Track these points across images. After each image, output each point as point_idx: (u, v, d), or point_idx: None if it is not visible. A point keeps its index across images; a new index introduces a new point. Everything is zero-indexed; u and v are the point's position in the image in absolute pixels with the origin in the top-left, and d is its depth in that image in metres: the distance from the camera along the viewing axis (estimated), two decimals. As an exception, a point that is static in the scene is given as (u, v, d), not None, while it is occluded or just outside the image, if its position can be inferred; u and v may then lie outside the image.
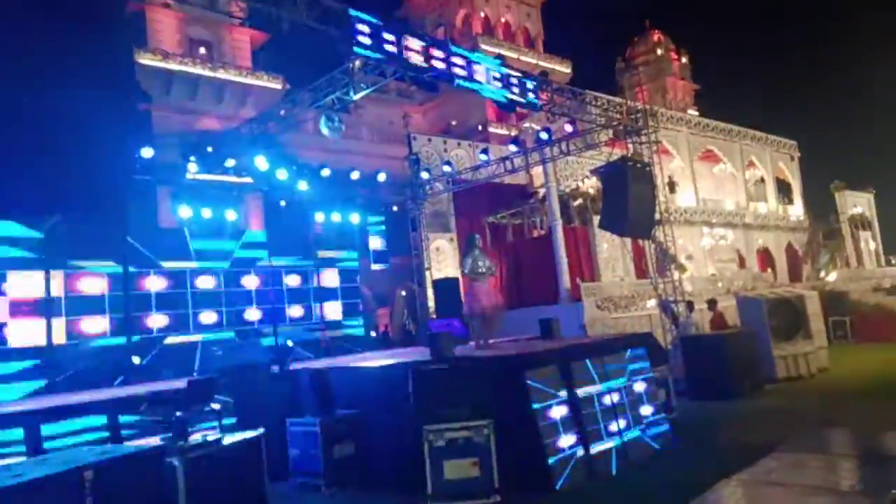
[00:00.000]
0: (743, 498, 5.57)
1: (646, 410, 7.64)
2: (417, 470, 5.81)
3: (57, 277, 10.79)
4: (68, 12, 16.62)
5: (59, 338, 10.69)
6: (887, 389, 10.03)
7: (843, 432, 7.52)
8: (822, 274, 24.73)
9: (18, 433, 6.07)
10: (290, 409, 7.68)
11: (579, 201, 18.42)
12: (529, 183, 19.75)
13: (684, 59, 49.51)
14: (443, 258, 18.25)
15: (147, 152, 12.46)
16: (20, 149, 10.81)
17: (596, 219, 15.81)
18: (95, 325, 11.17)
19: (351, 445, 7.15)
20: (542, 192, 18.34)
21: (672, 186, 20.07)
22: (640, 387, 7.73)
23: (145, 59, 21.33)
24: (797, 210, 27.49)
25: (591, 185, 17.88)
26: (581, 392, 6.89)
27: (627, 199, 12.39)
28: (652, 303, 14.88)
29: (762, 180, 26.67)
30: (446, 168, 16.67)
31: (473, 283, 8.75)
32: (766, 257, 25.15)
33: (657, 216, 13.68)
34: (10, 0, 15.72)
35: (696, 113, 35.61)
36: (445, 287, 16.45)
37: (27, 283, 10.41)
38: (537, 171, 17.72)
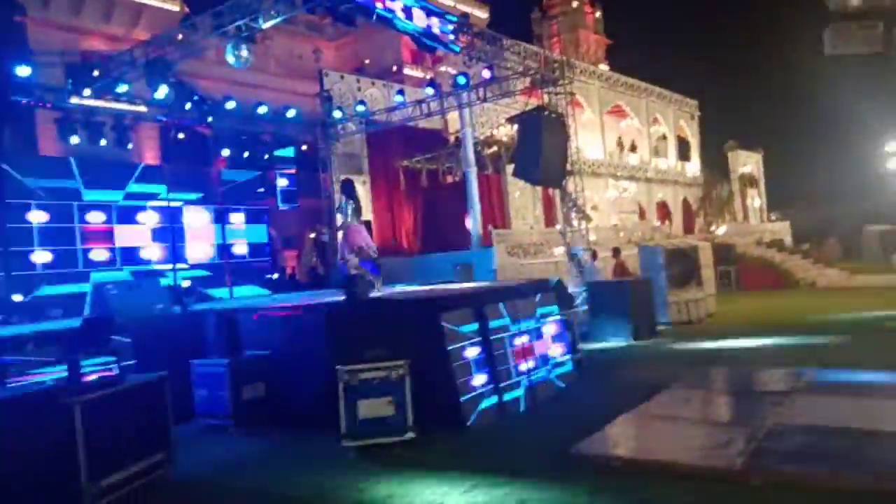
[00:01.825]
0: (637, 431, 6.07)
1: (553, 352, 8.01)
2: (330, 410, 5.81)
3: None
4: None
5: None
6: (764, 331, 11.08)
7: (727, 371, 8.32)
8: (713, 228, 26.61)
9: None
10: (194, 352, 7.45)
11: (494, 149, 18.56)
12: (445, 128, 19.63)
13: (598, 14, 50.28)
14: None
15: (23, 70, 11.21)
16: None
17: (510, 167, 16.02)
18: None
19: (261, 386, 7.06)
20: (457, 137, 18.29)
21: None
22: (548, 329, 8.07)
23: (17, -36, 18.88)
24: (694, 167, 29.19)
25: (506, 133, 18.01)
26: (493, 334, 7.10)
27: (541, 149, 12.65)
28: (560, 250, 15.45)
29: (664, 137, 28.00)
30: (360, 108, 16.20)
31: (350, 225, 8.68)
32: (664, 210, 26.69)
33: (568, 167, 14.06)
34: None
35: (607, 68, 36.52)
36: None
37: None
38: (453, 116, 17.61)
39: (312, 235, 18.54)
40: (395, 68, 30.97)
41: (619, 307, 11.00)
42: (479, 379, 6.71)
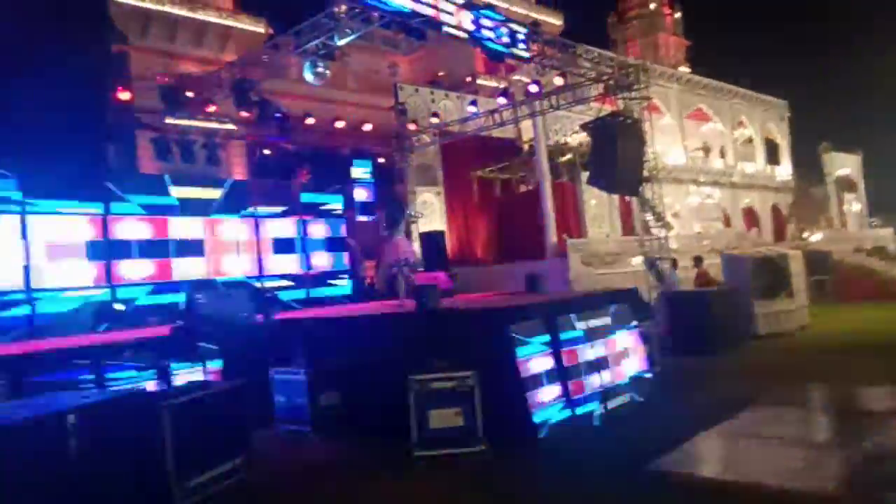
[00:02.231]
0: (720, 449, 5.77)
1: (629, 364, 7.77)
2: (403, 419, 5.88)
3: (34, 222, 10.58)
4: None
5: (41, 284, 10.55)
6: (864, 346, 10.29)
7: (821, 387, 7.78)
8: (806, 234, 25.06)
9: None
10: (275, 359, 7.72)
11: (568, 157, 18.31)
12: (518, 137, 19.56)
13: (677, 15, 48.66)
14: (430, 212, 18.16)
15: (124, 95, 12.12)
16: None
17: (584, 175, 15.75)
18: (76, 271, 11.02)
19: (337, 394, 7.23)
20: (530, 146, 18.19)
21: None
22: (623, 341, 7.84)
23: (122, -2, 20.46)
24: (784, 170, 27.61)
25: (580, 140, 17.74)
26: (565, 345, 6.97)
27: (616, 156, 12.35)
28: (638, 259, 15.00)
29: (751, 140, 26.67)
30: (434, 120, 16.42)
31: (395, 237, 8.91)
32: (751, 216, 25.38)
33: (645, 173, 13.66)
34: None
35: (688, 70, 35.24)
36: (432, 240, 16.43)
37: (3, 229, 10.19)
38: (526, 125, 17.53)
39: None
40: (469, 79, 31.15)
41: (701, 318, 10.52)
42: (551, 391, 6.61)
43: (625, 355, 7.79)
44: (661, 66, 25.17)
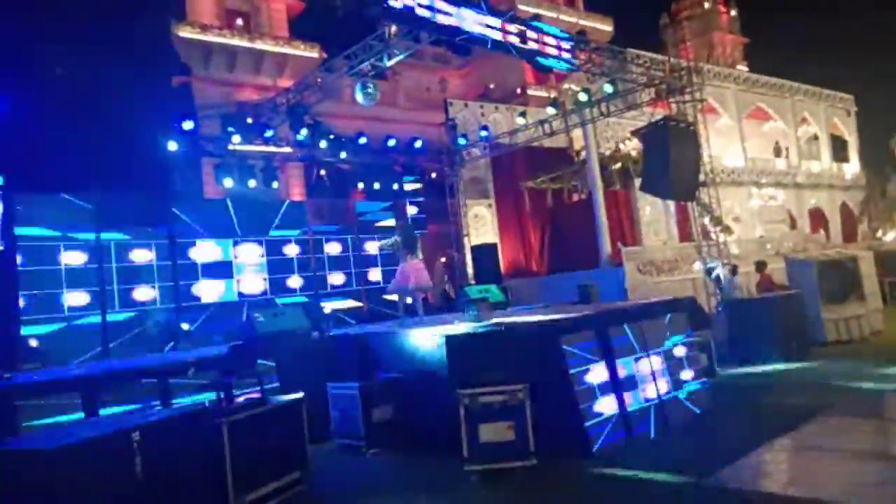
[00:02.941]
0: (785, 463, 5.49)
1: (686, 374, 7.53)
2: (454, 433, 5.88)
3: (109, 247, 11.21)
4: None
5: (114, 305, 11.15)
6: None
7: (894, 398, 7.28)
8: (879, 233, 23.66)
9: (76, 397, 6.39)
10: (331, 374, 7.87)
11: (620, 164, 17.96)
12: (569, 146, 19.36)
13: (733, 12, 47.18)
14: (481, 224, 18.18)
15: (188, 124, 12.68)
16: (68, 125, 11.15)
17: (637, 182, 15.41)
18: (146, 293, 11.58)
19: (389, 409, 7.30)
20: (582, 155, 17.97)
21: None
22: (680, 351, 7.61)
23: (184, 32, 21.54)
24: (853, 167, 26.22)
25: (633, 147, 17.37)
26: (619, 356, 6.83)
27: (669, 161, 12.02)
28: (697, 266, 14.53)
29: (815, 137, 25.47)
30: (483, 133, 16.45)
31: (410, 261, 9.15)
32: (818, 218, 24.18)
33: (701, 177, 13.24)
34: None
35: (746, 68, 34.08)
36: (483, 253, 16.42)
37: (81, 254, 10.84)
38: (577, 133, 17.34)
39: (443, 259, 18.97)
40: (518, 90, 31.17)
41: (764, 326, 10.07)
42: (604, 404, 6.47)
43: (682, 365, 7.55)
44: (716, 67, 24.42)
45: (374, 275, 15.76)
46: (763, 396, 8.06)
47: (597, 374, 6.57)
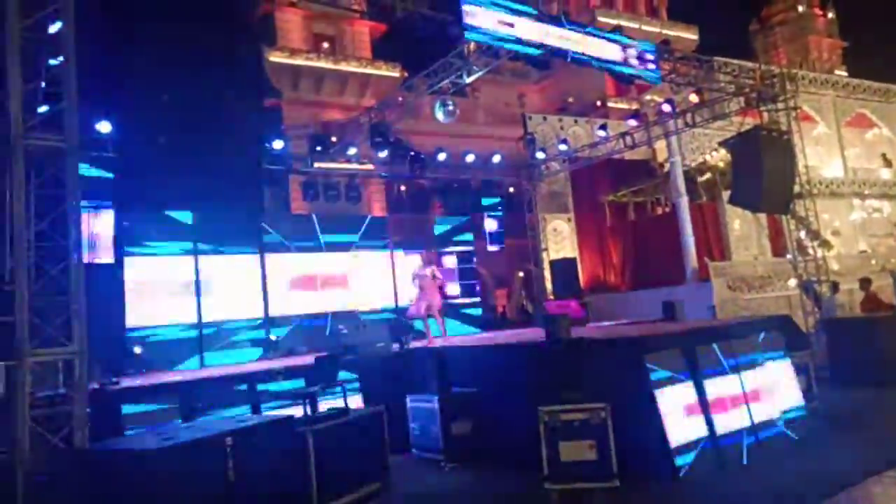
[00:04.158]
0: (890, 499, 5.01)
1: (782, 398, 7.09)
2: (533, 450, 5.80)
3: (206, 261, 11.87)
4: (206, 23, 18.08)
5: (209, 315, 11.77)
6: None
7: None
8: None
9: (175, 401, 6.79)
10: (411, 386, 7.96)
11: (707, 176, 17.30)
12: (652, 158, 18.83)
13: (830, 15, 44.44)
14: (560, 239, 17.94)
15: (278, 144, 13.32)
16: (169, 147, 11.96)
17: (726, 194, 14.77)
18: (238, 305, 12.17)
19: (468, 423, 7.28)
20: (665, 167, 17.42)
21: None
22: (774, 372, 7.19)
23: (275, 57, 22.68)
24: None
25: (721, 158, 16.69)
26: (708, 376, 6.53)
27: (761, 172, 11.46)
28: (792, 283, 13.70)
29: (927, 144, 23.46)
30: (562, 147, 16.29)
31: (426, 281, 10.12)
32: (931, 231, 22.19)
33: (796, 189, 12.51)
34: (149, 18, 17.34)
35: (845, 73, 31.99)
36: (562, 268, 16.18)
37: (182, 267, 11.56)
38: (661, 145, 16.85)
39: (521, 274, 18.87)
40: (598, 103, 30.64)
41: (869, 347, 9.31)
42: (691, 427, 6.19)
43: (776, 388, 7.12)
44: (811, 73, 23.06)
45: (453, 289, 15.84)
46: (868, 423, 7.44)
47: (683, 394, 6.30)
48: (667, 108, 14.25)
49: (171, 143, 12.10)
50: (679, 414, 6.16)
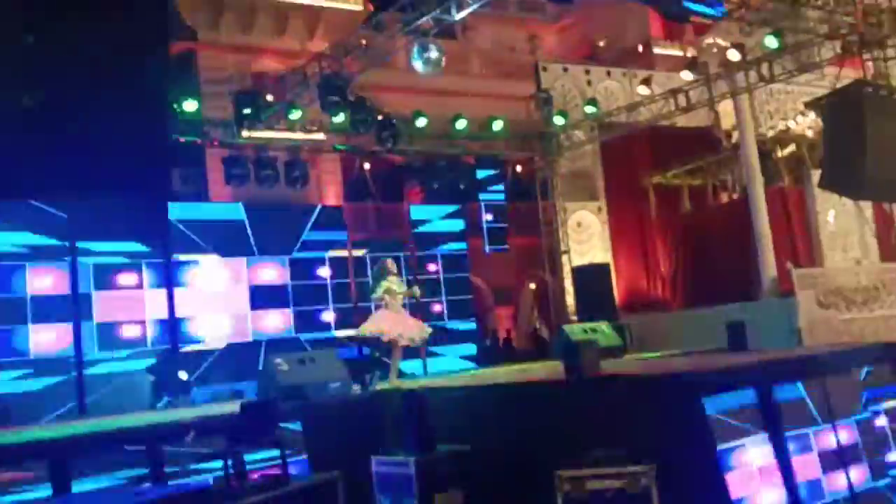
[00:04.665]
0: None
1: (893, 456, 7.22)
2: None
3: (89, 269, 11.82)
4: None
5: (93, 347, 11.71)
6: None
7: None
8: None
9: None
10: (378, 443, 7.94)
11: (790, 149, 17.49)
12: (714, 125, 18.97)
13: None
14: (587, 237, 18.02)
15: (190, 106, 13.27)
16: (32, 113, 11.82)
17: (816, 174, 14.95)
18: (133, 331, 12.10)
19: (458, 495, 7.28)
20: (733, 137, 17.59)
21: None
22: (882, 420, 7.33)
23: (187, -17, 22.63)
24: None
25: (809, 124, 16.89)
26: (790, 427, 6.63)
27: (865, 144, 11.63)
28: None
29: None
30: (590, 109, 16.38)
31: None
32: None
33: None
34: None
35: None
36: (590, 277, 16.26)
37: (49, 277, 11.47)
38: (726, 107, 16.99)
39: (532, 286, 18.91)
40: (641, 48, 30.85)
41: None
42: (769, 496, 6.28)
43: (887, 442, 7.25)
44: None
45: (438, 306, 15.86)
46: None
47: (756, 452, 6.39)
48: (734, 55, 14.39)
49: (40, 107, 11.97)
50: (752, 480, 6.23)
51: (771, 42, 13.67)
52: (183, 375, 11.91)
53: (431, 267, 16.11)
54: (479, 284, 18.01)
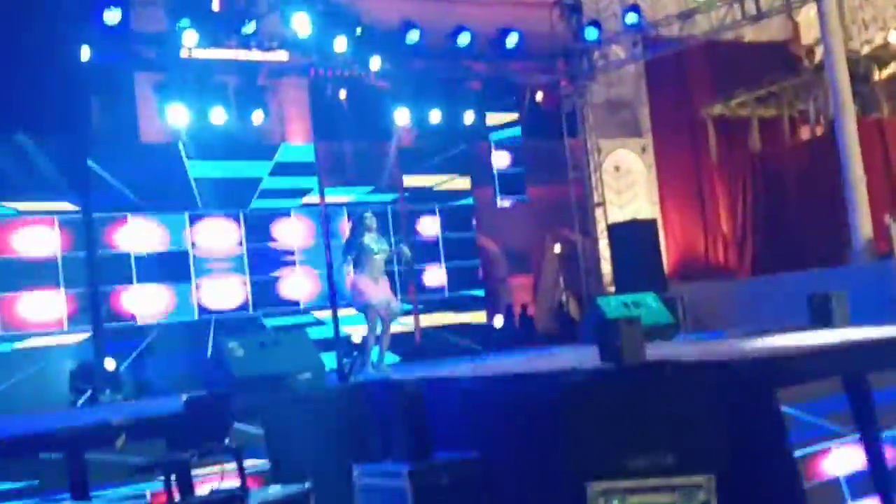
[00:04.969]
0: None
1: None
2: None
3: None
4: None
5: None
6: None
7: None
8: None
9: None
10: (361, 449, 7.99)
11: (891, 70, 17.39)
12: (792, 38, 18.88)
13: None
14: (627, 185, 18.01)
15: (112, 16, 13.10)
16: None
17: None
18: (43, 307, 12.09)
19: (463, 512, 7.35)
20: (817, 55, 17.49)
21: None
22: None
23: None
24: None
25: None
26: (889, 426, 6.66)
27: None
28: None
29: None
30: (631, 18, 16.23)
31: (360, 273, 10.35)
32: None
33: None
34: None
35: None
36: (632, 237, 16.27)
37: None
38: (807, 15, 16.88)
39: (557, 249, 18.89)
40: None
41: None
42: (860, 512, 6.34)
43: None
44: None
45: (435, 275, 15.88)
46: None
47: (845, 457, 6.42)
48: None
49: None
50: (838, 491, 6.27)
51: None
52: (109, 364, 11.95)
53: (427, 224, 16.08)
54: (488, 247, 17.98)
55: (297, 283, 14.45)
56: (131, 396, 11.80)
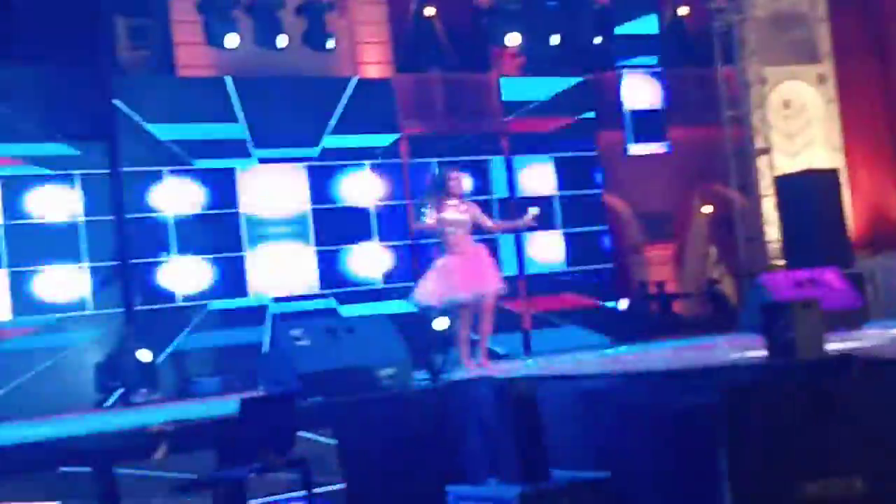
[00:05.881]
0: None
1: None
2: None
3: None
4: None
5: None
6: None
7: None
8: None
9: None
10: (457, 466, 8.05)
11: None
12: None
13: None
14: (799, 126, 17.74)
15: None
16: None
17: None
18: (62, 284, 12.40)
19: (590, 546, 7.38)
20: None
21: None
22: None
23: None
24: None
25: None
26: None
27: None
28: None
29: None
30: None
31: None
32: None
33: None
34: None
35: None
36: (807, 194, 16.03)
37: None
38: None
39: (709, 210, 18.74)
40: None
41: None
42: None
43: None
44: None
45: (544, 244, 15.85)
46: None
47: None
48: None
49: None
50: None
51: None
52: (144, 355, 12.17)
53: (538, 179, 16.07)
54: (618, 208, 17.92)
55: (375, 256, 14.50)
56: (172, 396, 12.05)
